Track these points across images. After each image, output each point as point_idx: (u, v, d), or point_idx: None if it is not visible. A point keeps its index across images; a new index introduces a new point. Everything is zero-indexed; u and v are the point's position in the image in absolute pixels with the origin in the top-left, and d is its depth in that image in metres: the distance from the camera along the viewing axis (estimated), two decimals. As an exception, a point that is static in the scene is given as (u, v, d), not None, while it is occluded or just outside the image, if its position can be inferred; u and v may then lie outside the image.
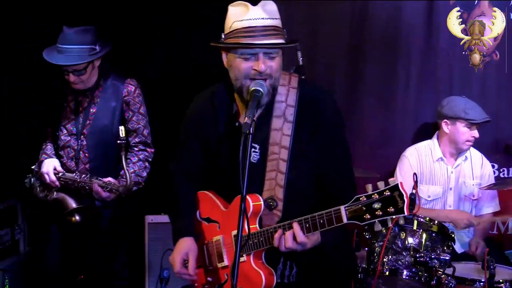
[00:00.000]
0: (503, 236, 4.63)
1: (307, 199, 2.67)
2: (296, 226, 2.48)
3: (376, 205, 2.33)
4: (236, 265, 2.39)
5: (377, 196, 2.34)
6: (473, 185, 4.26)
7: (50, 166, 3.91)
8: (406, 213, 2.30)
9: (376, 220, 2.35)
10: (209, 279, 2.82)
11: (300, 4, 4.76)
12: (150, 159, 4.03)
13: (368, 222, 2.36)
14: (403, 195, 2.30)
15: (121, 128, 3.76)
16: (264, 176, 2.65)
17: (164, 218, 4.24)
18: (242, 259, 2.61)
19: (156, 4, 4.84)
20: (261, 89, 2.53)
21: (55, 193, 3.94)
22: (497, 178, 4.52)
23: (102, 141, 3.92)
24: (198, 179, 2.87)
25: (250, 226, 2.49)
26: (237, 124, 2.71)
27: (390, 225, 2.35)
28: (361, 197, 2.37)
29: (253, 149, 2.64)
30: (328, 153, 2.65)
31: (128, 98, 3.95)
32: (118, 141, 3.74)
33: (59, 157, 3.99)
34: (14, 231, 4.52)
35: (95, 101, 3.94)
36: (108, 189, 3.78)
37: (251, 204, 2.58)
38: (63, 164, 3.96)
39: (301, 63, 4.14)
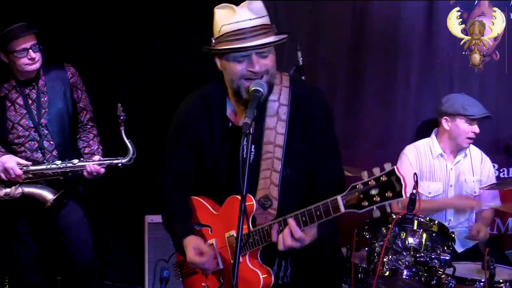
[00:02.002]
0: (503, 236, 4.63)
1: (301, 197, 2.66)
2: (291, 221, 2.46)
3: (374, 191, 2.29)
4: (236, 265, 2.37)
5: (374, 183, 2.30)
6: (473, 182, 4.27)
7: (12, 161, 3.85)
8: (404, 197, 2.25)
9: (375, 206, 2.31)
10: (203, 284, 2.81)
11: (301, 4, 4.76)
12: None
13: (366, 209, 2.32)
14: (400, 179, 2.25)
15: (119, 105, 3.82)
16: (258, 175, 2.64)
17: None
18: None
19: (156, 4, 4.84)
20: (261, 89, 2.52)
21: (19, 188, 3.88)
22: (497, 178, 4.52)
23: (62, 125, 4.02)
24: (188, 185, 2.85)
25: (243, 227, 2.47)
26: (230, 125, 2.70)
27: (388, 210, 2.30)
28: (357, 185, 2.34)
29: None
30: (317, 151, 2.65)
31: (74, 79, 4.09)
32: (121, 117, 3.81)
33: (17, 153, 3.94)
34: None
35: (42, 90, 3.99)
36: (105, 165, 3.88)
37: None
38: (27, 159, 3.93)
39: (301, 63, 4.15)
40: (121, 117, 3.80)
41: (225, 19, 2.52)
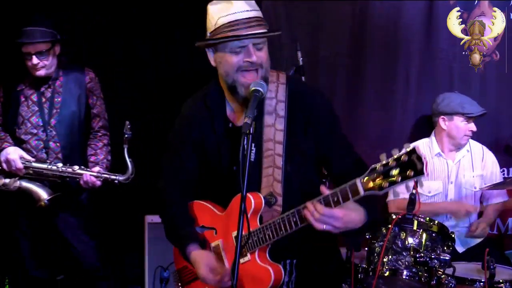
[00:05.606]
0: (503, 236, 4.63)
1: (305, 192, 2.62)
2: (309, 204, 2.39)
3: (394, 172, 2.22)
4: (236, 265, 2.36)
5: (394, 163, 2.24)
6: (473, 177, 4.28)
7: (15, 153, 3.88)
8: (425, 174, 2.18)
9: (396, 186, 2.23)
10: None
11: (301, 4, 4.77)
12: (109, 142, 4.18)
13: (387, 189, 2.25)
14: (421, 157, 2.19)
15: (127, 122, 3.82)
16: (261, 173, 2.63)
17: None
18: (246, 258, 2.58)
19: (156, 4, 4.84)
20: (261, 89, 2.51)
21: (18, 182, 3.90)
22: (497, 177, 4.53)
23: (71, 129, 4.01)
24: (191, 188, 2.84)
25: (251, 225, 2.46)
26: (230, 125, 2.70)
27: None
28: (376, 166, 2.28)
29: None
30: (326, 140, 2.63)
31: (91, 84, 4.09)
32: (126, 135, 3.80)
33: (23, 150, 3.94)
34: None
35: (58, 91, 3.99)
36: (101, 179, 3.88)
37: (252, 201, 2.54)
38: (33, 157, 3.94)
39: (301, 63, 4.15)
40: (126, 135, 3.81)
41: (221, 12, 2.53)
